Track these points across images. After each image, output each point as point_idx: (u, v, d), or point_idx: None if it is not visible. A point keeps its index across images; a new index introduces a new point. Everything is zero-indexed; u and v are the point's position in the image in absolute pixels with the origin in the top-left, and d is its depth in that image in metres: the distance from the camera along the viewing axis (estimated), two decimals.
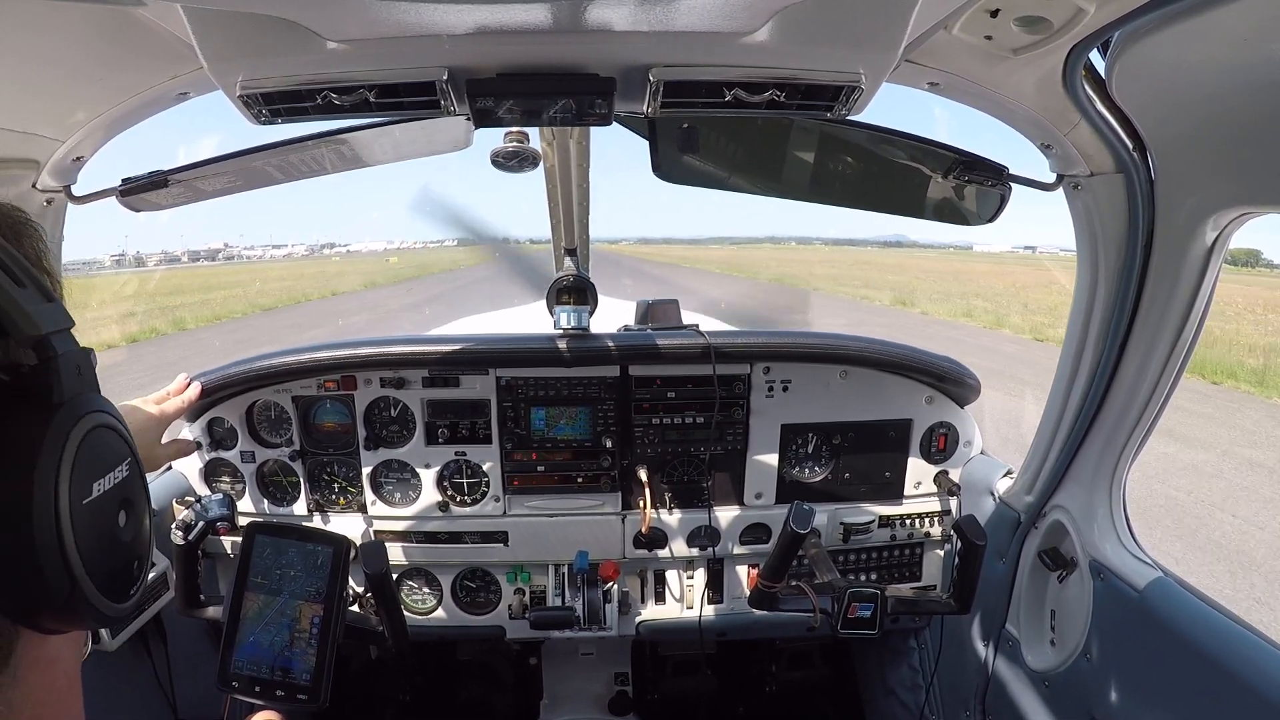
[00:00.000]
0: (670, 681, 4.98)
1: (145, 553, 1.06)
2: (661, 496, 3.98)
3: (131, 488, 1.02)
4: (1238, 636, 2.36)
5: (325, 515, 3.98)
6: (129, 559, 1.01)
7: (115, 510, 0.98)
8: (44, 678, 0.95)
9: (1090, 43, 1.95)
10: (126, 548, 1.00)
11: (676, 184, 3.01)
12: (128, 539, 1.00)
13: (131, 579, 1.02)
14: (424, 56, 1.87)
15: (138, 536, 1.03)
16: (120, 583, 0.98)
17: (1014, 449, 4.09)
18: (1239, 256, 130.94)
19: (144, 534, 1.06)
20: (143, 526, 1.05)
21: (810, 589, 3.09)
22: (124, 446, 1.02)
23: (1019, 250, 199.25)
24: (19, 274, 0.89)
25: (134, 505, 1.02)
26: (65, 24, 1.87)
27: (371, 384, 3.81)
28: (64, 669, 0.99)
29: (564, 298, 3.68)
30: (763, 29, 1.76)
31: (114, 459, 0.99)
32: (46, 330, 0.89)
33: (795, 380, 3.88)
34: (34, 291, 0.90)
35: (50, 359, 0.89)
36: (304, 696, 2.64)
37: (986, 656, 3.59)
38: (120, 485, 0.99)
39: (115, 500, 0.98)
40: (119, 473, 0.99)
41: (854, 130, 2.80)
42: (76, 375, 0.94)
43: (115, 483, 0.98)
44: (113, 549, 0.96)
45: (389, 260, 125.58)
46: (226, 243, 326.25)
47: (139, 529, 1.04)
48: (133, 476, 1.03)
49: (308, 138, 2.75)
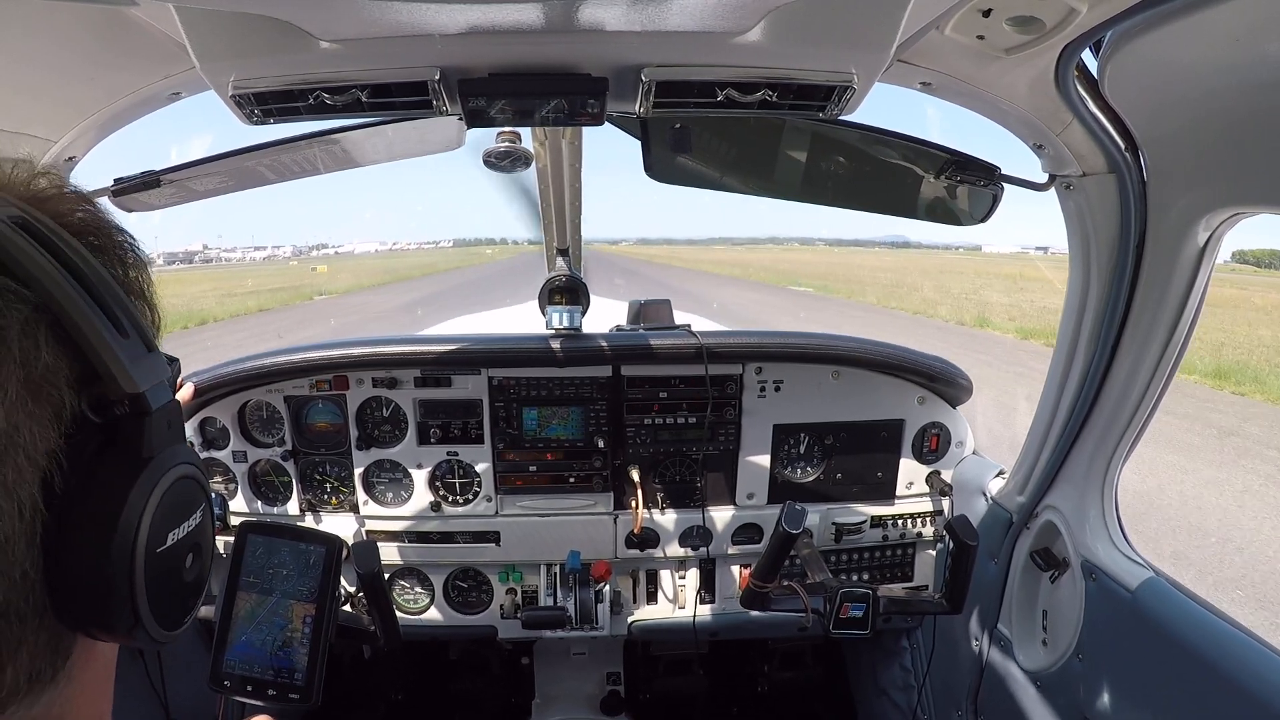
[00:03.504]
0: (662, 681, 4.98)
1: (202, 586, 1.08)
2: (654, 496, 3.99)
3: (202, 533, 1.04)
4: (1229, 637, 2.36)
5: (317, 515, 3.97)
6: (190, 595, 1.03)
7: (185, 555, 1.00)
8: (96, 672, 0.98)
9: (1082, 43, 1.96)
10: (189, 587, 1.02)
11: (669, 184, 3.01)
12: (191, 579, 1.02)
13: (187, 610, 1.03)
14: (416, 56, 1.87)
15: (199, 575, 1.05)
16: (176, 615, 1.00)
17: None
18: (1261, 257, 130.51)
19: (205, 571, 1.07)
20: (206, 564, 1.07)
21: (802, 589, 3.10)
22: (200, 494, 1.04)
23: (1030, 250, 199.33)
24: (122, 319, 0.88)
25: (201, 549, 1.04)
26: (57, 24, 1.87)
27: (363, 384, 3.81)
28: (105, 660, 1.01)
29: (556, 298, 3.69)
30: (755, 29, 1.76)
31: (190, 508, 1.01)
32: (144, 387, 0.89)
33: (787, 380, 3.88)
34: (135, 340, 0.89)
35: (143, 415, 0.90)
36: (296, 696, 2.63)
37: (978, 656, 3.59)
38: (194, 532, 1.01)
39: (186, 546, 0.99)
40: (193, 520, 1.01)
41: (846, 130, 2.80)
42: (166, 429, 0.94)
43: (189, 530, 1.00)
44: (177, 590, 0.99)
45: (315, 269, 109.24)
46: (205, 244, 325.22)
47: (202, 568, 1.06)
48: (204, 522, 1.05)
49: (300, 138, 2.75)
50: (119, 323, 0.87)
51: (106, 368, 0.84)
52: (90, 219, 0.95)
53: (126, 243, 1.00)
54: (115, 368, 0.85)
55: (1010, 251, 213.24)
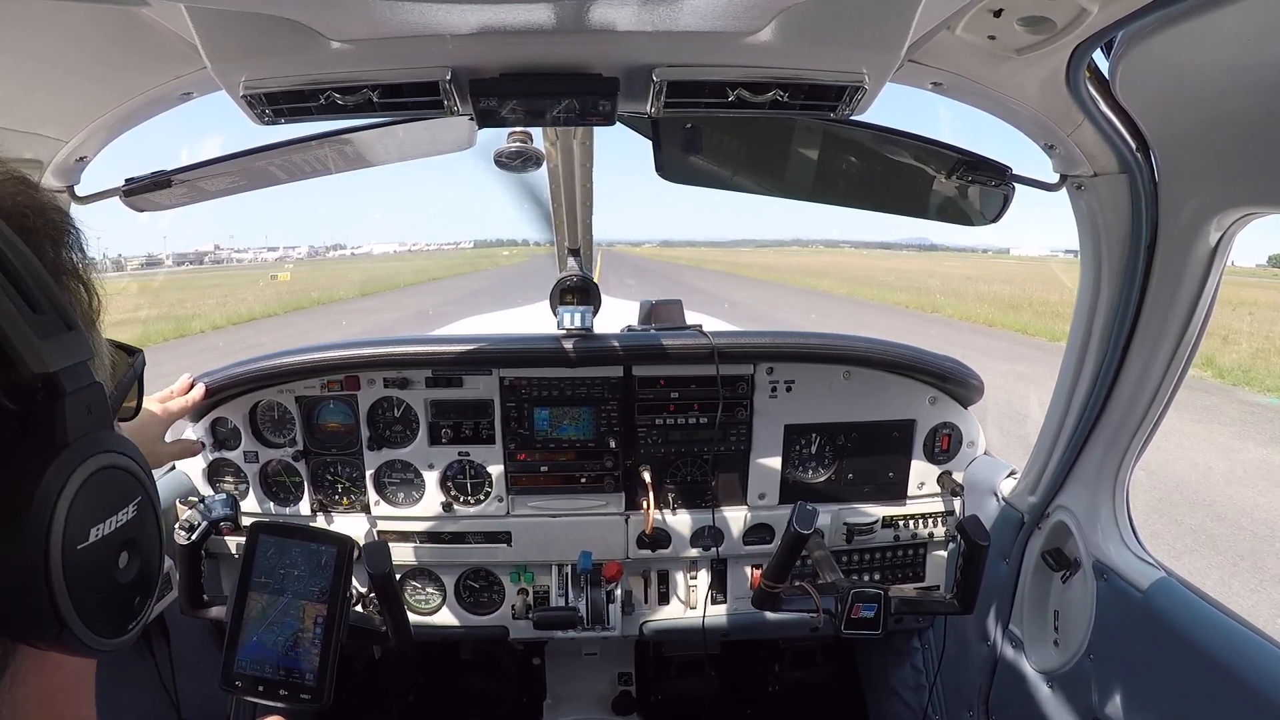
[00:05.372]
0: (674, 682, 4.98)
1: (150, 588, 1.03)
2: (665, 497, 3.98)
3: (138, 528, 0.98)
4: (1241, 637, 2.35)
5: (329, 515, 3.98)
6: (128, 597, 0.98)
7: (116, 553, 0.94)
8: (50, 678, 0.94)
9: (1094, 43, 1.95)
10: (126, 588, 0.97)
11: (680, 184, 3.01)
12: (127, 579, 0.96)
13: (131, 614, 0.98)
14: (427, 56, 1.88)
15: (142, 574, 0.99)
16: (116, 620, 0.95)
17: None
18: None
19: (150, 570, 1.02)
20: (149, 563, 1.01)
21: (814, 589, 3.10)
22: (134, 486, 0.98)
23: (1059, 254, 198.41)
24: (38, 296, 0.84)
25: (139, 545, 0.99)
26: (68, 24, 1.88)
27: (375, 384, 3.81)
28: (73, 668, 0.98)
29: (568, 298, 3.68)
30: (766, 29, 1.76)
31: (119, 500, 0.95)
32: (56, 367, 0.84)
33: (798, 381, 3.88)
34: (53, 318, 0.85)
35: (58, 398, 0.85)
36: (307, 696, 2.64)
37: (990, 656, 3.59)
38: (124, 527, 0.95)
39: (116, 543, 0.94)
40: (124, 515, 0.95)
41: (857, 130, 2.80)
42: (86, 414, 0.90)
43: (118, 525, 0.94)
44: (109, 590, 0.93)
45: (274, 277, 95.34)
46: (217, 245, 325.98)
47: (144, 567, 1.00)
48: (141, 516, 0.99)
49: (311, 138, 2.76)
50: (32, 299, 0.83)
51: (14, 346, 0.81)
52: (27, 200, 0.93)
53: (64, 224, 0.98)
54: (23, 346, 0.81)
55: (1038, 254, 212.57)
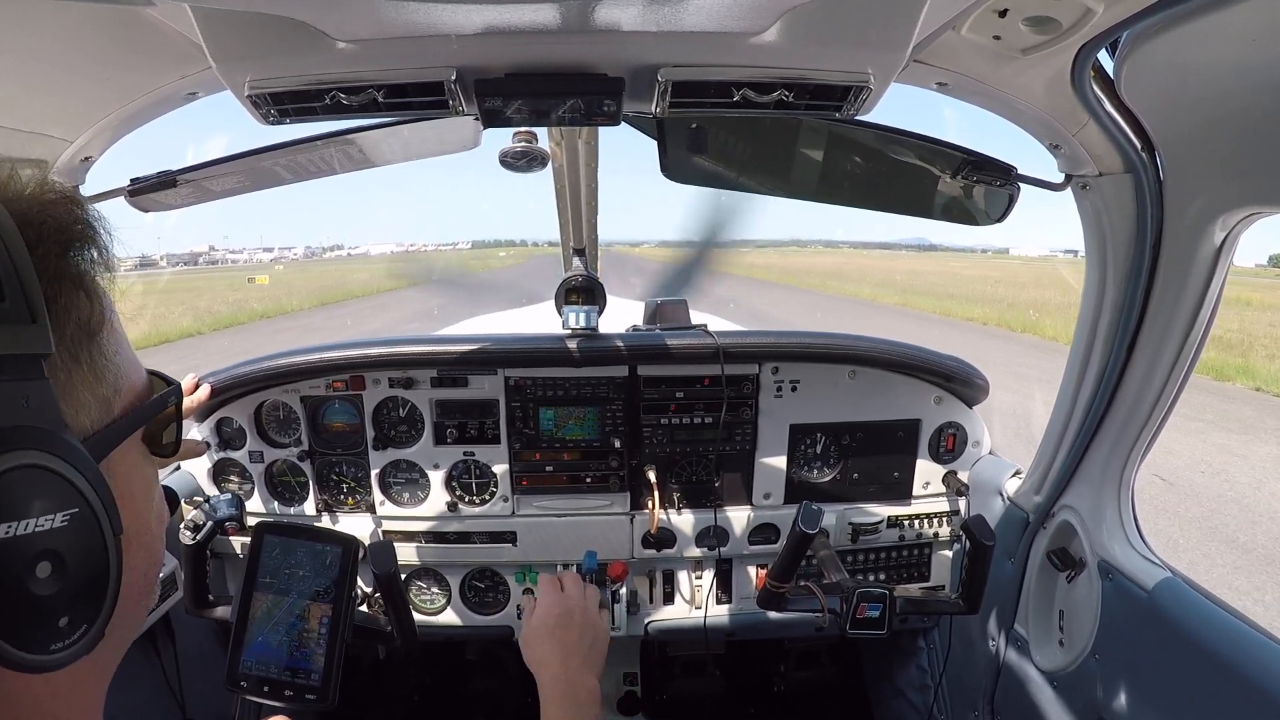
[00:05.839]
0: (678, 682, 4.98)
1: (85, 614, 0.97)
2: (670, 497, 3.99)
3: (65, 541, 0.92)
4: (1247, 637, 2.35)
5: (334, 515, 3.99)
6: (48, 612, 0.92)
7: (31, 561, 0.89)
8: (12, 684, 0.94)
9: (1099, 43, 1.95)
10: (44, 600, 0.91)
11: (685, 184, 3.01)
12: (45, 592, 0.91)
13: (55, 634, 0.92)
14: (432, 56, 1.88)
15: (69, 594, 0.94)
16: (36, 637, 0.90)
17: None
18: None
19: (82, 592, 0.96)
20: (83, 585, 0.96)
21: (819, 589, 3.09)
22: (71, 497, 0.93)
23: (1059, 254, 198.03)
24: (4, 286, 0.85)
25: (66, 561, 0.93)
26: (73, 24, 1.88)
27: (380, 384, 3.82)
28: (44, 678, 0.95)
29: (573, 298, 3.69)
30: (771, 29, 1.76)
31: (42, 506, 0.90)
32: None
33: (804, 380, 3.88)
34: (18, 308, 0.86)
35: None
36: (313, 697, 2.64)
37: (995, 656, 3.59)
38: (44, 535, 0.90)
39: (32, 550, 0.89)
40: (45, 521, 0.90)
41: (862, 130, 2.80)
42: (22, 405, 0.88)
43: (35, 530, 0.89)
44: (20, 598, 0.88)
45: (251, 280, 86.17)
46: (212, 246, 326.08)
47: (73, 586, 0.94)
48: (73, 530, 0.93)
49: (316, 138, 2.76)
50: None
51: None
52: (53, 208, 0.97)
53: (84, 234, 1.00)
54: None
55: (1038, 255, 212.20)
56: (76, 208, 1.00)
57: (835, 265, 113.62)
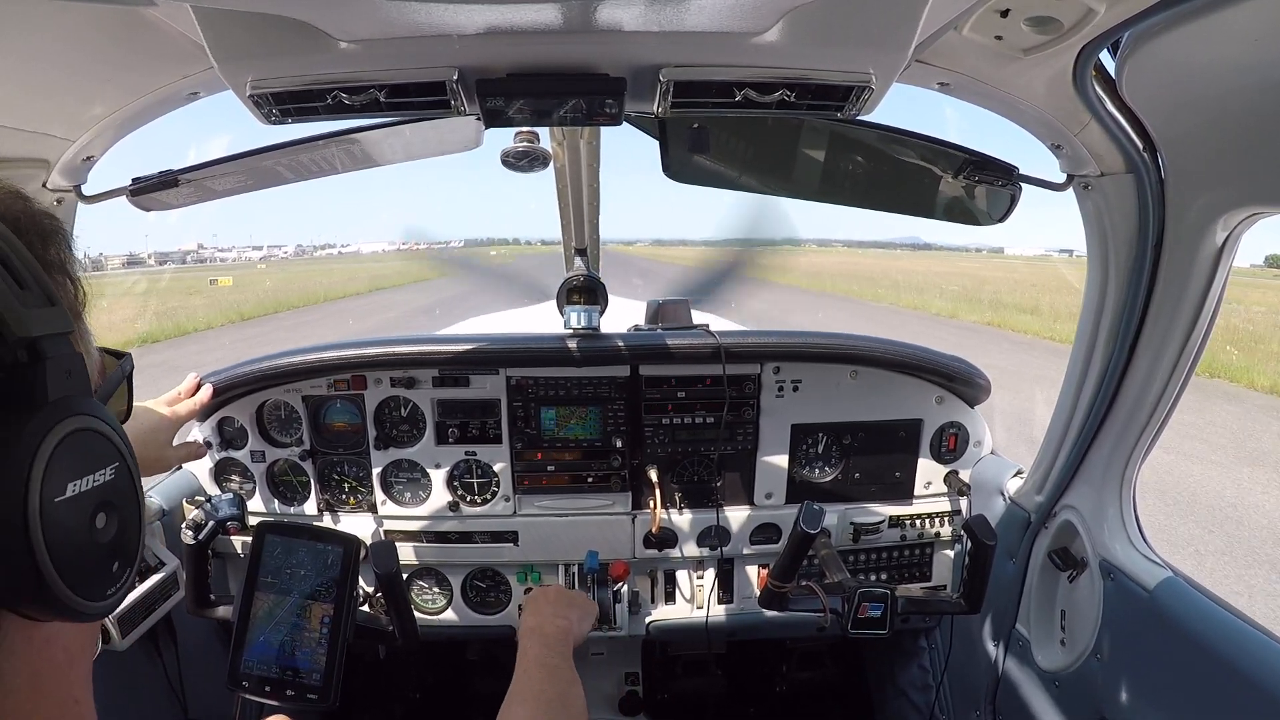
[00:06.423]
0: (680, 681, 4.98)
1: (129, 556, 1.09)
2: (671, 496, 3.98)
3: (115, 491, 1.04)
4: (1248, 637, 2.35)
5: (335, 515, 3.99)
6: (106, 559, 1.03)
7: (92, 511, 1.00)
8: (41, 652, 0.99)
9: (1100, 43, 1.95)
10: (103, 548, 1.02)
11: (687, 184, 3.01)
12: (105, 540, 1.02)
13: (109, 579, 1.03)
14: (434, 56, 1.88)
15: (119, 539, 1.05)
16: (95, 581, 1.00)
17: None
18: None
19: (128, 538, 1.08)
20: (127, 531, 1.08)
21: (820, 589, 3.10)
22: (112, 451, 1.05)
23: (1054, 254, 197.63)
24: (25, 276, 0.93)
25: (116, 508, 1.05)
26: (75, 24, 1.88)
27: (381, 384, 3.82)
28: (63, 644, 1.02)
29: (574, 297, 3.69)
30: (773, 29, 1.76)
31: (96, 462, 1.01)
32: (37, 333, 0.92)
33: (805, 380, 3.88)
34: (37, 294, 0.94)
35: (39, 361, 0.93)
36: (314, 696, 2.65)
37: (996, 656, 3.59)
38: (100, 488, 1.01)
39: (92, 501, 1.00)
40: (100, 475, 1.01)
41: (864, 130, 2.80)
42: (65, 378, 0.97)
43: (94, 485, 1.00)
44: (86, 548, 0.98)
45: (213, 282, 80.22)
46: (200, 244, 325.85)
47: (121, 532, 1.06)
48: (119, 481, 1.06)
49: (318, 137, 2.76)
50: (19, 277, 0.93)
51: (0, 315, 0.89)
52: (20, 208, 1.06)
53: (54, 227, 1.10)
54: (8, 314, 0.90)
55: (1033, 254, 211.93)
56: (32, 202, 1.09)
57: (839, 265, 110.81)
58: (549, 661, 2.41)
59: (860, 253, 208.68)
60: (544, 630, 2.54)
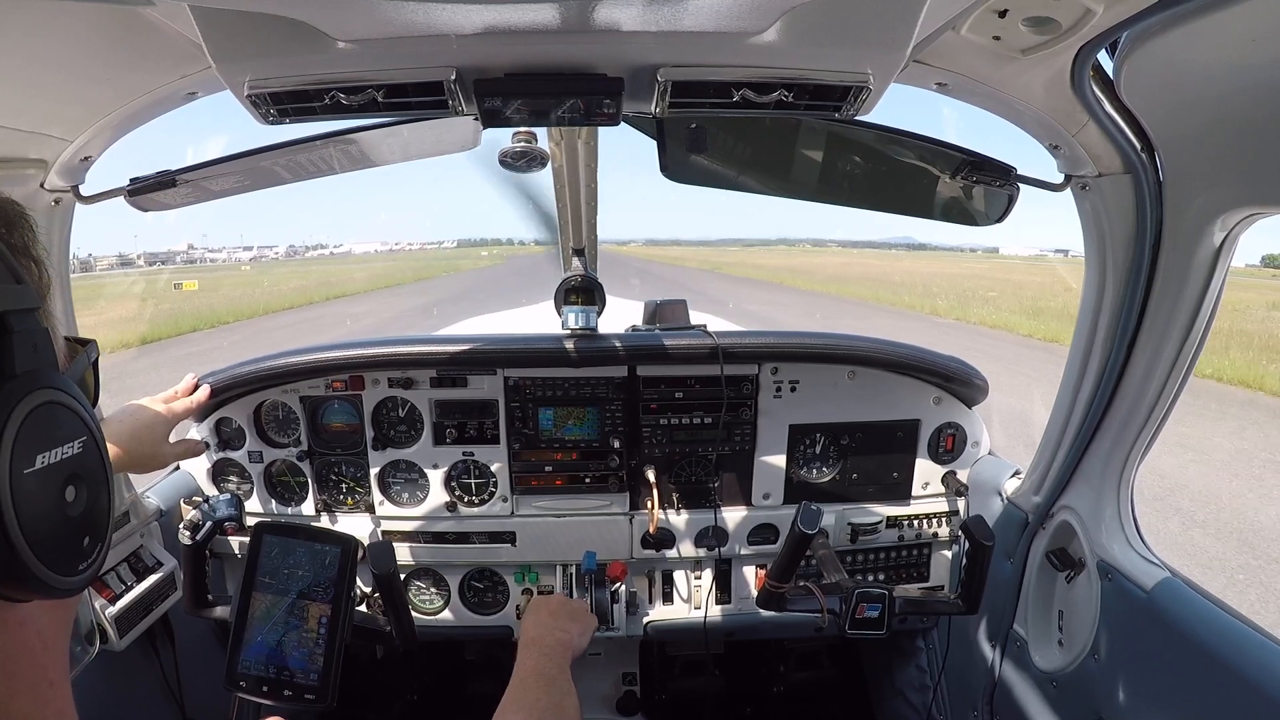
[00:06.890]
0: (678, 682, 4.98)
1: (99, 531, 1.11)
2: (669, 497, 3.99)
3: (83, 464, 1.07)
4: (1246, 637, 2.35)
5: (333, 515, 3.99)
6: (76, 532, 1.05)
7: (61, 483, 1.02)
8: (13, 635, 1.01)
9: (1098, 43, 1.95)
10: (73, 521, 1.04)
11: (685, 184, 3.02)
12: (75, 513, 1.05)
13: (80, 553, 1.05)
14: (432, 57, 1.88)
15: (88, 513, 1.07)
16: (66, 555, 1.02)
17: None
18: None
19: (98, 511, 1.11)
20: (97, 505, 1.10)
21: (818, 589, 3.10)
22: (79, 424, 1.08)
23: (1049, 254, 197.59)
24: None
25: (85, 481, 1.07)
26: (73, 24, 1.89)
27: (379, 384, 3.81)
28: (36, 629, 1.04)
29: (572, 298, 3.69)
30: (771, 29, 1.76)
31: (65, 435, 1.04)
32: (3, 308, 0.96)
33: (803, 381, 3.88)
34: (3, 272, 0.99)
35: (6, 334, 0.97)
36: (311, 696, 2.64)
37: (994, 657, 3.59)
38: (69, 460, 1.04)
39: (62, 473, 1.03)
40: (69, 448, 1.04)
41: (862, 130, 2.81)
42: (32, 352, 1.01)
43: (63, 457, 1.03)
44: (56, 520, 1.00)
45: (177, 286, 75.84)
46: (190, 244, 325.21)
47: (91, 505, 1.08)
48: (87, 454, 1.08)
49: (316, 137, 2.76)
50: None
51: None
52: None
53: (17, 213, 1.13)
54: None
55: (1029, 254, 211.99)
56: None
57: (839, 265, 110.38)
58: (547, 672, 2.44)
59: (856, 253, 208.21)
60: (544, 642, 2.57)
